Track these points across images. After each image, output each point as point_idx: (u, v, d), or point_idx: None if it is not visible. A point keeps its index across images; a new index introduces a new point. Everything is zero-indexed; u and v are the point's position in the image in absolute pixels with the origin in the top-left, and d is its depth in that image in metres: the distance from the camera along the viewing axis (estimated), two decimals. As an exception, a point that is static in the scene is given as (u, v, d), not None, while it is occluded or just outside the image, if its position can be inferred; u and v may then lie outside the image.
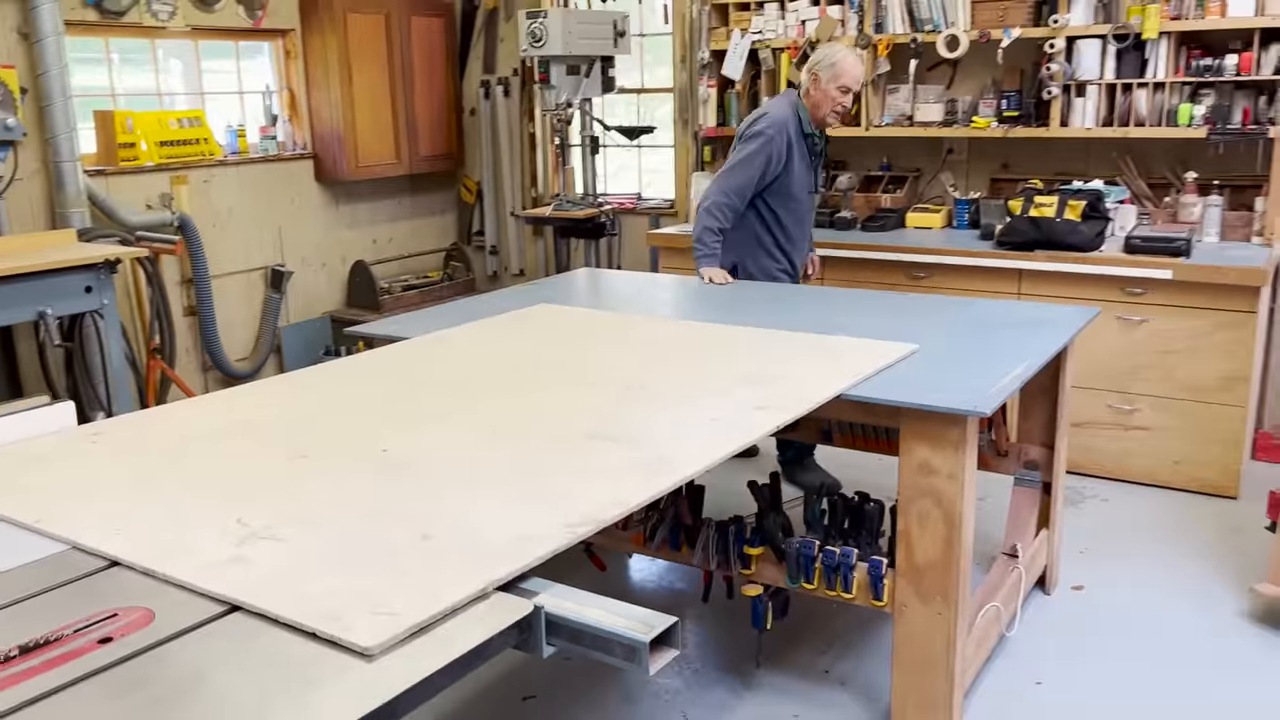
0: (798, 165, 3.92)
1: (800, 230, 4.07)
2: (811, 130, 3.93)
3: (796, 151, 3.90)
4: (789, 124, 3.88)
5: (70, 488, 1.90)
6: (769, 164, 3.84)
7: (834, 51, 3.90)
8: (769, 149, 3.83)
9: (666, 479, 1.89)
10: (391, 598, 1.45)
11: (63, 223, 4.54)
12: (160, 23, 5.03)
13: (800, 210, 4.03)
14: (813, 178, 4.05)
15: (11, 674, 1.30)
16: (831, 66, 3.80)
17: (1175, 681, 2.91)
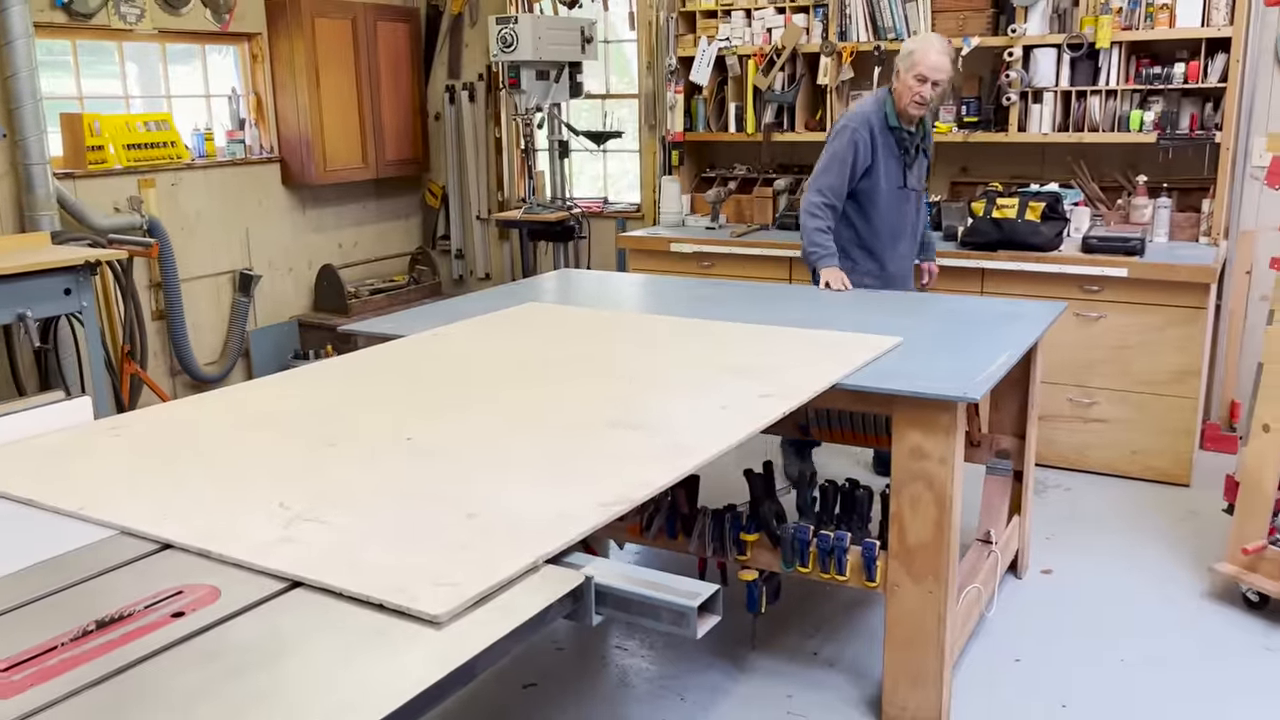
0: (883, 160, 3.83)
1: (888, 229, 3.91)
2: (898, 124, 3.82)
3: (881, 146, 3.82)
4: (871, 117, 3.82)
5: (105, 477, 1.93)
6: (857, 156, 3.79)
7: (913, 40, 3.86)
8: (854, 140, 3.78)
9: (688, 461, 1.98)
10: (450, 571, 1.52)
11: (32, 225, 4.50)
12: (128, 25, 5.01)
13: (886, 208, 3.89)
14: (902, 173, 3.90)
15: (94, 646, 1.35)
16: (909, 55, 3.72)
17: (1143, 655, 3.07)
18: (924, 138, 3.96)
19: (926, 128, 3.97)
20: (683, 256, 5.19)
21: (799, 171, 5.57)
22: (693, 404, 2.33)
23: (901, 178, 3.89)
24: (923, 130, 3.93)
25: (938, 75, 3.68)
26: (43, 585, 1.52)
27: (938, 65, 3.67)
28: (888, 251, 3.93)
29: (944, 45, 3.74)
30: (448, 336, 3.06)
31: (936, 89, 3.72)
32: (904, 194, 3.91)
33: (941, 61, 3.68)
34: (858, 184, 3.84)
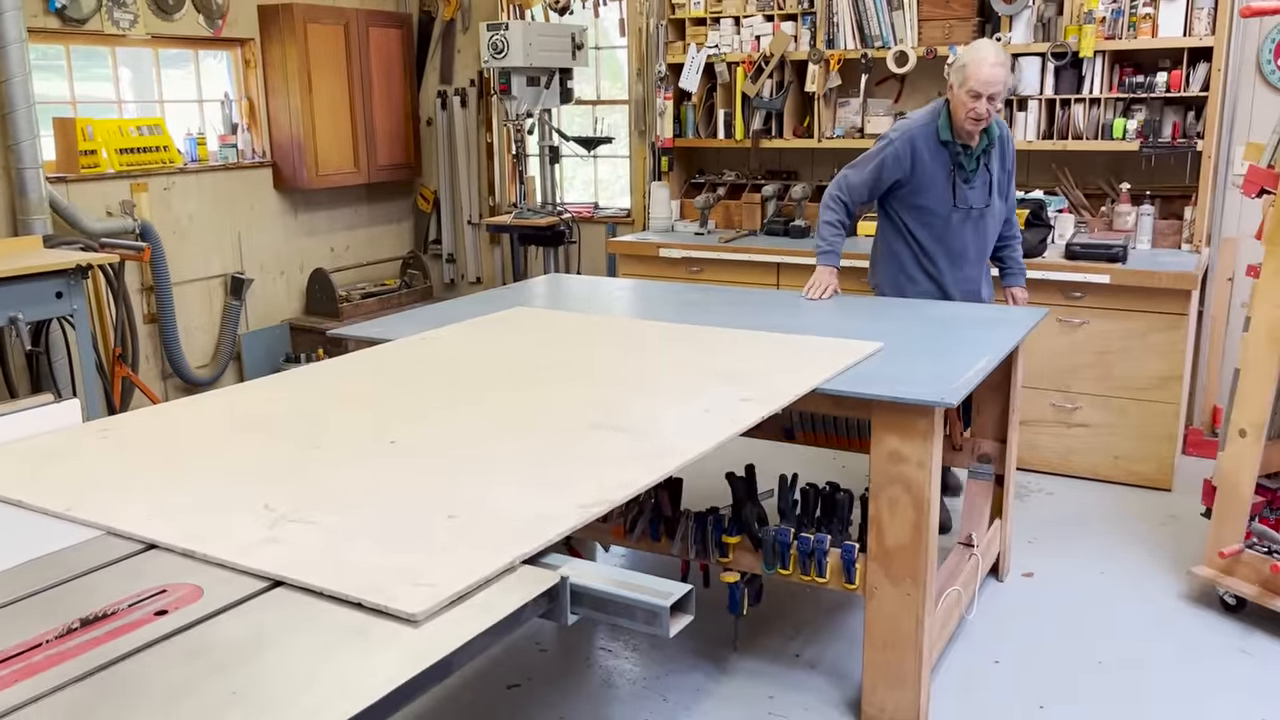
0: (931, 175, 3.59)
1: (945, 250, 3.68)
2: (950, 138, 3.57)
3: (929, 160, 3.57)
4: (916, 131, 3.60)
5: (93, 478, 1.96)
6: (883, 168, 3.60)
7: (965, 51, 3.55)
8: (885, 152, 3.61)
9: (669, 462, 2.02)
10: (428, 571, 1.55)
11: (24, 229, 4.53)
12: (121, 31, 5.04)
13: (940, 228, 3.66)
14: (952, 191, 3.61)
15: (78, 644, 1.38)
16: (961, 69, 3.46)
17: (1122, 658, 3.11)
18: (988, 152, 3.63)
19: (999, 139, 3.66)
20: (671, 261, 5.23)
21: (787, 178, 5.62)
22: (675, 408, 2.37)
23: (952, 196, 3.62)
24: (988, 142, 3.61)
25: (992, 89, 3.40)
26: (29, 584, 1.55)
27: (990, 79, 3.39)
28: (948, 274, 3.70)
29: (997, 55, 3.44)
30: (436, 340, 3.09)
31: (993, 103, 3.44)
32: (964, 214, 3.64)
33: (995, 75, 3.39)
34: (903, 198, 3.66)
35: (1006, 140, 3.72)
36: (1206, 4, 4.34)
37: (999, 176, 3.68)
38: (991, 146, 3.63)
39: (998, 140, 3.65)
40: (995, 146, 3.64)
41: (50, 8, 4.71)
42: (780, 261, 4.99)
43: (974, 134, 3.54)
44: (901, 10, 4.94)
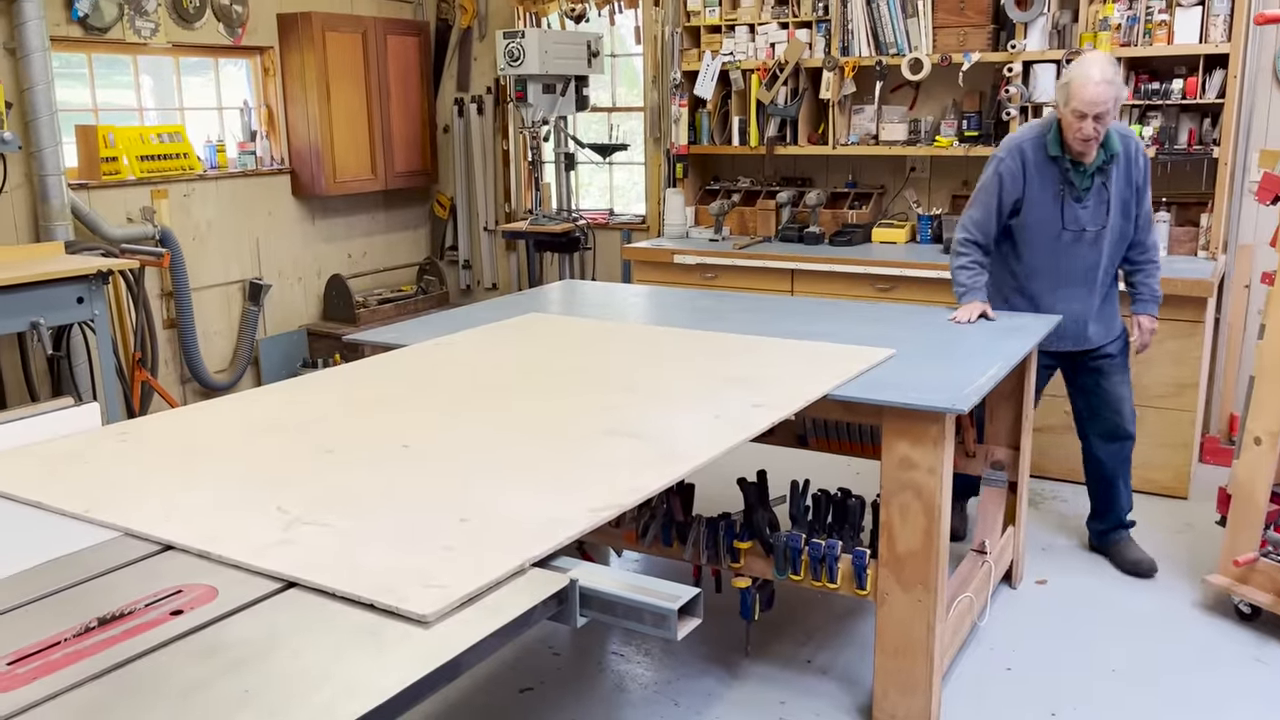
0: (1038, 192, 3.42)
1: (1048, 274, 3.48)
2: (1060, 153, 3.37)
3: (1036, 176, 3.41)
4: (1025, 144, 3.43)
5: (111, 480, 1.99)
6: (1002, 187, 3.44)
7: (1071, 67, 3.34)
8: (999, 171, 3.44)
9: (679, 467, 2.03)
10: (439, 573, 1.57)
11: (47, 235, 4.59)
12: (142, 39, 5.10)
13: (1042, 249, 3.46)
14: (1060, 211, 3.41)
15: (95, 642, 1.41)
16: (1065, 87, 3.28)
17: (1136, 666, 3.10)
18: (1105, 168, 3.39)
19: (1122, 154, 3.39)
20: (686, 268, 5.25)
21: (801, 184, 5.63)
22: (687, 413, 2.39)
23: (1060, 216, 3.41)
24: (1105, 157, 3.37)
25: (1097, 109, 3.19)
26: (48, 584, 1.58)
27: (1095, 99, 3.18)
28: (1048, 299, 3.50)
29: (1103, 71, 3.20)
30: (450, 346, 3.12)
31: (1100, 122, 3.22)
32: (1075, 235, 3.42)
33: (1100, 94, 3.17)
34: (1017, 218, 3.48)
35: (1134, 154, 3.43)
36: (1222, 11, 4.33)
37: (1122, 194, 3.42)
38: (1111, 162, 3.39)
39: (1120, 155, 3.39)
40: (1118, 162, 3.40)
41: (73, 16, 4.77)
42: (795, 268, 5.00)
43: (1088, 152, 3.34)
44: (916, 17, 4.95)
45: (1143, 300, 3.61)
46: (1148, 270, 3.60)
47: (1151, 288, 3.61)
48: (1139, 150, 3.47)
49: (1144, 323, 3.61)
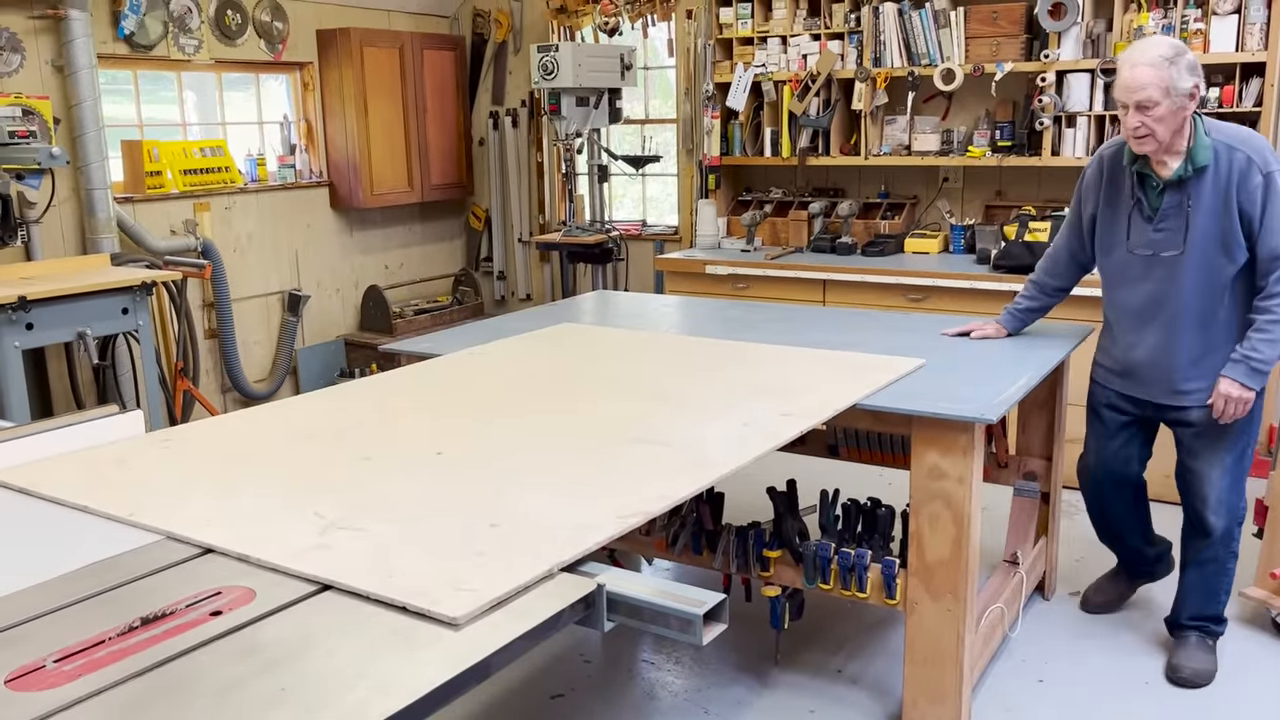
0: (1106, 207, 2.97)
1: (1126, 306, 2.97)
2: (1133, 161, 2.85)
3: (1109, 188, 2.95)
4: (1109, 152, 2.98)
5: (155, 485, 2.05)
6: (1080, 201, 3.07)
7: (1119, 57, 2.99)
8: (1078, 185, 3.08)
9: (707, 475, 2.06)
10: (470, 577, 1.61)
11: (93, 248, 4.71)
12: (186, 56, 5.22)
13: (1115, 275, 2.99)
14: (1127, 227, 2.90)
15: (137, 641, 1.46)
16: (1117, 78, 2.80)
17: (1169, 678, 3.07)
18: (1185, 184, 2.77)
19: (1214, 169, 2.74)
20: (718, 278, 5.27)
21: (833, 195, 5.64)
22: (716, 422, 2.41)
23: (1125, 236, 2.90)
24: (1189, 171, 2.75)
25: (1139, 95, 2.68)
26: (94, 585, 1.64)
27: (1132, 83, 2.68)
28: (1128, 337, 2.99)
29: (1146, 54, 2.69)
30: (484, 355, 3.16)
31: (1146, 114, 2.68)
32: (1145, 261, 2.87)
33: (1138, 77, 2.67)
34: (1097, 240, 3.05)
35: (1240, 172, 2.72)
36: (1259, 19, 4.30)
37: (1214, 218, 2.75)
38: (1195, 179, 2.76)
39: (1214, 170, 2.74)
40: (1208, 178, 2.75)
41: (119, 35, 4.90)
42: (826, 278, 5.01)
43: (1159, 159, 2.79)
44: (949, 28, 4.95)
45: (1230, 360, 2.81)
46: (1258, 325, 2.77)
47: (1250, 341, 2.78)
48: (1251, 168, 2.70)
49: (1220, 386, 2.81)
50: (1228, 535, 3.01)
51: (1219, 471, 2.95)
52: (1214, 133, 2.77)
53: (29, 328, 3.76)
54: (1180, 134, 2.74)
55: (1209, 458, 2.96)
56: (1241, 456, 2.96)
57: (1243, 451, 2.96)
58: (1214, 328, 2.86)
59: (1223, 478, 2.95)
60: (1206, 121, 2.79)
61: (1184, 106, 2.69)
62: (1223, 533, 3.00)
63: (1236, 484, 2.98)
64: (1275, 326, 2.75)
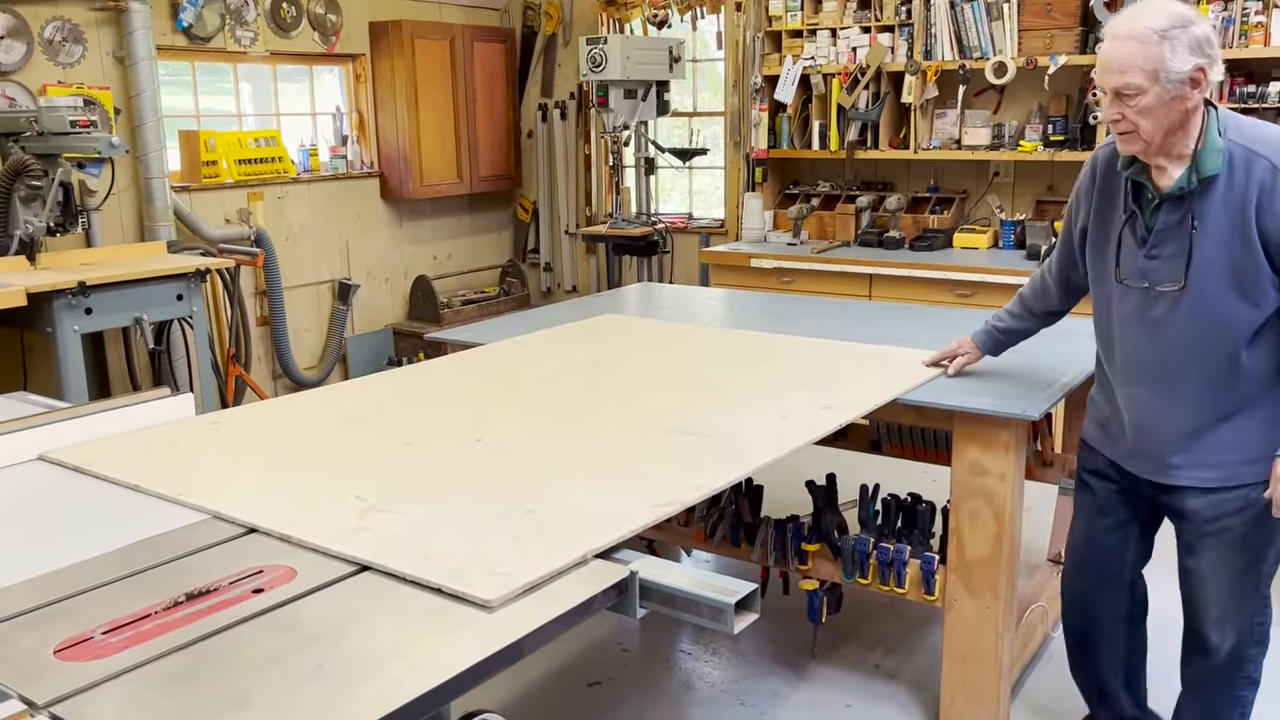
0: (1095, 222, 2.30)
1: (1116, 352, 2.30)
2: (1127, 167, 2.18)
3: (1100, 198, 2.29)
4: (1102, 153, 2.31)
5: (203, 466, 2.10)
6: (1072, 215, 2.40)
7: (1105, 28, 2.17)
8: (1073, 190, 2.41)
9: (743, 466, 2.06)
10: (504, 561, 1.63)
11: (150, 235, 4.82)
12: (242, 48, 5.31)
13: (1103, 308, 2.32)
14: (1115, 251, 2.23)
15: (182, 615, 1.50)
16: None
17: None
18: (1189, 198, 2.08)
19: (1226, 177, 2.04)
20: (763, 272, 5.26)
21: (881, 189, 5.60)
22: (754, 414, 2.41)
23: (1116, 258, 2.23)
24: (1193, 183, 2.06)
25: (1117, 80, 2.02)
26: (141, 561, 1.69)
27: (1109, 62, 2.04)
28: (1117, 391, 2.33)
29: (1135, 23, 2.00)
30: (527, 345, 3.19)
31: (1134, 104, 2.01)
32: (1138, 295, 2.20)
33: (1116, 53, 2.02)
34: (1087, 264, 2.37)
35: (1259, 185, 2.02)
36: (1324, 11, 4.20)
37: (1230, 247, 2.06)
38: (1201, 192, 2.07)
39: (1227, 181, 2.05)
40: (1220, 191, 2.05)
41: (178, 26, 5.00)
42: (873, 273, 4.98)
43: (1157, 165, 2.11)
44: (1001, 20, 4.89)
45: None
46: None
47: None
48: (1277, 181, 2.01)
49: (1277, 468, 2.08)
50: (1237, 655, 2.33)
51: (1224, 579, 2.27)
52: (1232, 132, 2.06)
53: (88, 312, 3.86)
54: (1182, 132, 2.05)
55: (1212, 560, 2.27)
56: (1256, 563, 2.25)
57: (1258, 557, 2.24)
58: (1228, 391, 2.15)
59: (1230, 588, 2.27)
60: (1225, 117, 2.09)
61: (1182, 96, 1.99)
62: (1229, 652, 2.32)
63: (1248, 596, 2.28)
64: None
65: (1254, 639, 2.34)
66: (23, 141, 4.03)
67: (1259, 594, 2.30)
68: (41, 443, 2.21)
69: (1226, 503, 2.20)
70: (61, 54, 4.58)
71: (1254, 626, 2.33)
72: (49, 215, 3.97)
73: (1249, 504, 2.17)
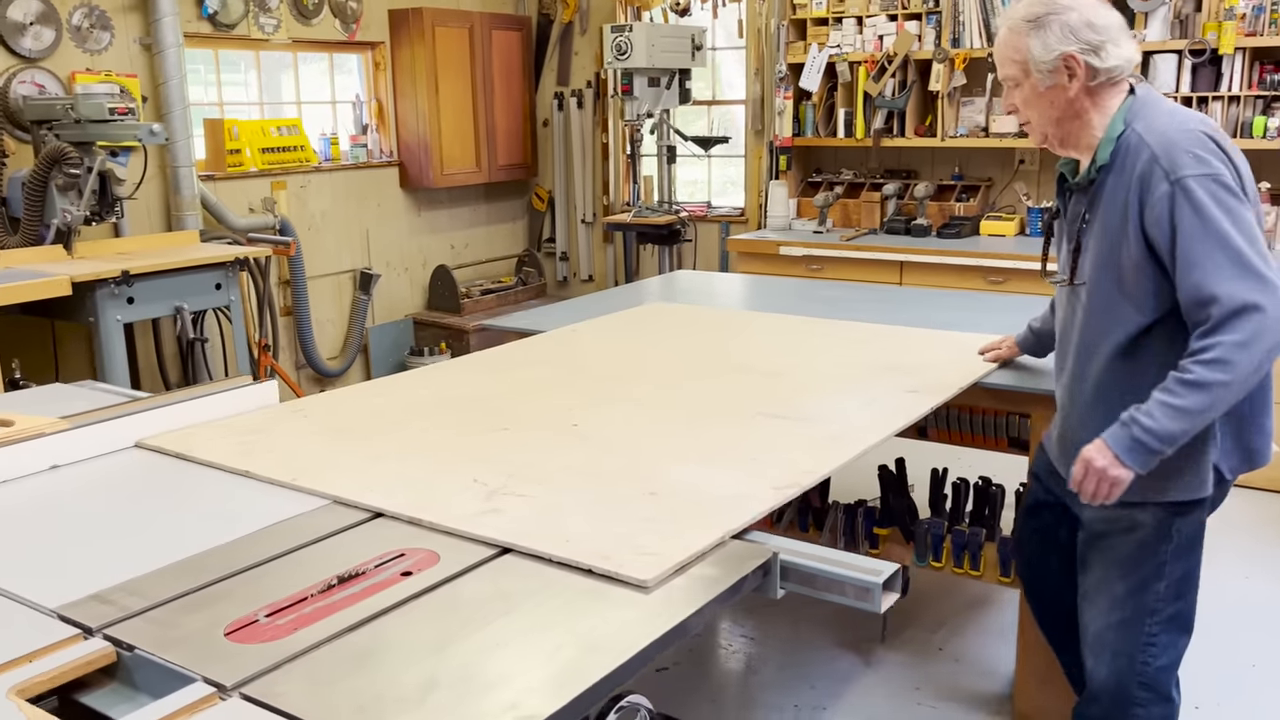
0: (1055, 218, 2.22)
1: (1058, 346, 2.23)
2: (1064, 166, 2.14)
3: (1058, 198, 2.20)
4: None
5: (305, 452, 2.09)
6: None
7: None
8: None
9: (849, 449, 2.07)
10: (646, 542, 1.63)
11: (178, 225, 4.77)
12: (266, 35, 5.26)
13: (1058, 306, 2.25)
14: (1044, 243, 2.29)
15: (340, 598, 1.49)
16: None
17: (1273, 656, 3.06)
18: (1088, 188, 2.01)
19: (1113, 169, 1.95)
20: (791, 260, 5.27)
21: (906, 176, 5.62)
22: (840, 398, 2.42)
23: (1044, 252, 2.29)
24: (1092, 173, 1.99)
25: (999, 72, 2.07)
26: (278, 546, 1.67)
27: (995, 53, 2.08)
28: (1060, 387, 2.21)
29: (1010, 15, 2.02)
30: (583, 333, 3.18)
31: (1016, 96, 2.04)
32: (1065, 291, 2.14)
33: (997, 45, 2.06)
34: None
35: (1139, 177, 1.91)
36: (1357, -2, 4.24)
37: (1113, 243, 1.96)
38: (1099, 184, 1.99)
39: (1115, 175, 1.95)
40: (1109, 184, 1.96)
41: (203, 14, 4.94)
42: (904, 260, 5.00)
43: (1075, 156, 2.08)
44: (1031, 8, 4.90)
45: (1119, 420, 1.91)
46: (1164, 385, 1.87)
47: (1146, 412, 1.87)
48: (1154, 172, 1.88)
49: (1085, 450, 1.95)
50: (1120, 696, 2.09)
51: (1105, 601, 2.09)
52: (1138, 121, 1.94)
53: (130, 302, 3.82)
54: (1080, 122, 2.00)
55: (1096, 577, 2.11)
56: (1139, 592, 2.04)
57: (1142, 586, 2.04)
58: (1116, 398, 1.97)
59: (1109, 611, 2.08)
60: (1139, 105, 1.97)
61: (1059, 85, 1.96)
62: (1111, 690, 2.10)
63: (1130, 628, 2.06)
64: (1189, 394, 1.82)
65: (1139, 680, 2.08)
66: (57, 129, 3.98)
67: (1144, 631, 2.06)
68: (135, 431, 2.18)
69: (1117, 521, 2.04)
70: (89, 41, 4.53)
71: (1140, 667, 2.07)
72: (87, 204, 3.92)
73: (1136, 526, 2.02)
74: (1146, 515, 2.01)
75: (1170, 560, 2.03)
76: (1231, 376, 1.81)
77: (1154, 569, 2.03)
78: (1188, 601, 2.08)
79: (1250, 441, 2.05)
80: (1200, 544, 2.08)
